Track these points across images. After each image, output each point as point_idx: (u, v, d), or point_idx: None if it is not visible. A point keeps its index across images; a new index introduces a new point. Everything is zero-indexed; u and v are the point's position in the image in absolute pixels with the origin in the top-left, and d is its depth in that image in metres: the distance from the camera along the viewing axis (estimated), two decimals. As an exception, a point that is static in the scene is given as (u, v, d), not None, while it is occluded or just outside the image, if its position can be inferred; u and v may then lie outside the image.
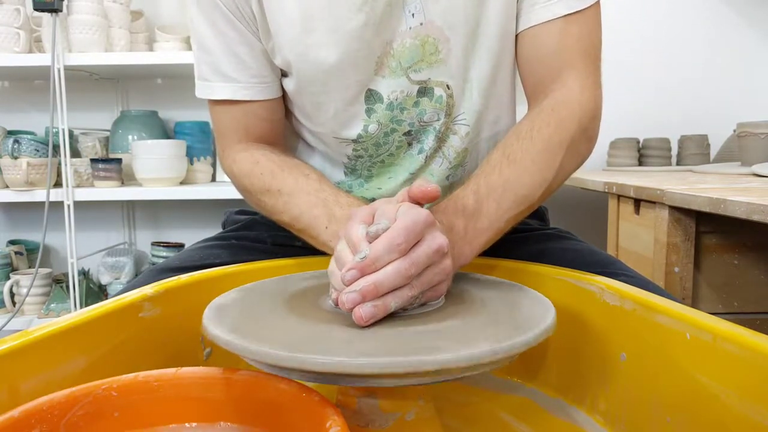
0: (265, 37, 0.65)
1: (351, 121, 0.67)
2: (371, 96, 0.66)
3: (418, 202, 0.48)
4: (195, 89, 0.71)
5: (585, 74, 0.63)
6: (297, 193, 0.64)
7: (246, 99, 0.68)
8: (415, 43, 0.63)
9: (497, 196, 0.56)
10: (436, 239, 0.43)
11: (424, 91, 0.66)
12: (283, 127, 0.75)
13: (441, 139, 0.69)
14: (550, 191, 0.60)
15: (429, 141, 0.69)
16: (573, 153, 0.61)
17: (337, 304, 0.45)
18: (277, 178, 0.66)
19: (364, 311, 0.40)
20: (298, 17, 0.61)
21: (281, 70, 0.69)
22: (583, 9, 0.62)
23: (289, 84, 0.68)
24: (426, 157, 0.69)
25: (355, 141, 0.69)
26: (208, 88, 0.69)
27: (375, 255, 0.41)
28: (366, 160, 0.71)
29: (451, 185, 0.73)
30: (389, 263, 0.41)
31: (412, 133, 0.69)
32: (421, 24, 0.63)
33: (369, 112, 0.66)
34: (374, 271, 0.41)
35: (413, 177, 0.71)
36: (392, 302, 0.41)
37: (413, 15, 0.62)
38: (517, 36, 0.66)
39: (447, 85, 0.66)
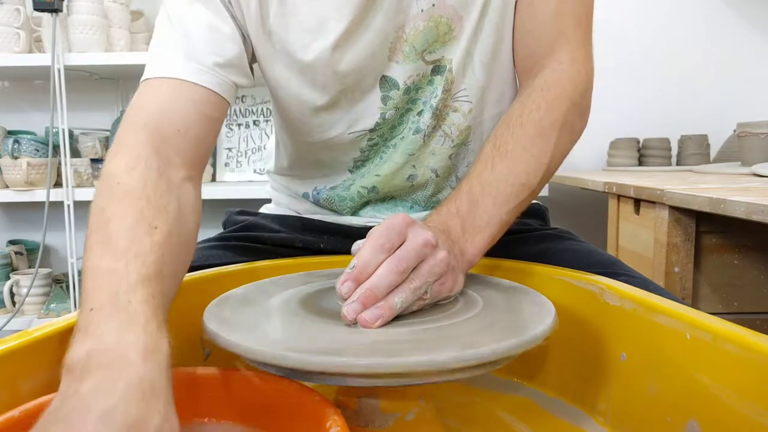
0: (265, 43, 0.63)
1: (367, 111, 0.66)
2: (386, 83, 0.65)
3: None
4: (145, 70, 0.57)
5: (576, 46, 0.63)
6: (115, 242, 0.41)
7: (204, 84, 0.56)
8: (429, 25, 0.62)
9: (492, 190, 0.55)
10: (420, 234, 0.44)
11: (437, 69, 0.66)
12: (208, 151, 0.59)
13: (439, 117, 0.68)
14: (548, 174, 0.60)
15: (425, 119, 0.67)
16: (567, 132, 0.60)
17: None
18: (115, 217, 0.43)
19: (368, 315, 0.40)
20: (312, 22, 0.60)
21: (271, 83, 0.66)
22: None
23: (294, 89, 0.66)
24: (424, 136, 0.68)
25: (371, 130, 0.68)
26: (163, 65, 0.55)
27: (363, 261, 0.42)
28: (380, 146, 0.70)
29: (454, 165, 0.72)
30: (379, 265, 0.42)
31: (423, 112, 0.68)
32: (434, 5, 0.62)
33: (385, 99, 0.66)
34: (368, 277, 0.41)
35: (413, 158, 0.69)
36: (396, 300, 0.41)
37: None
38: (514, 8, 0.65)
39: (450, 60, 0.65)
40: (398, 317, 0.42)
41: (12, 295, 1.88)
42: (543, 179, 0.59)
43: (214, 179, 1.97)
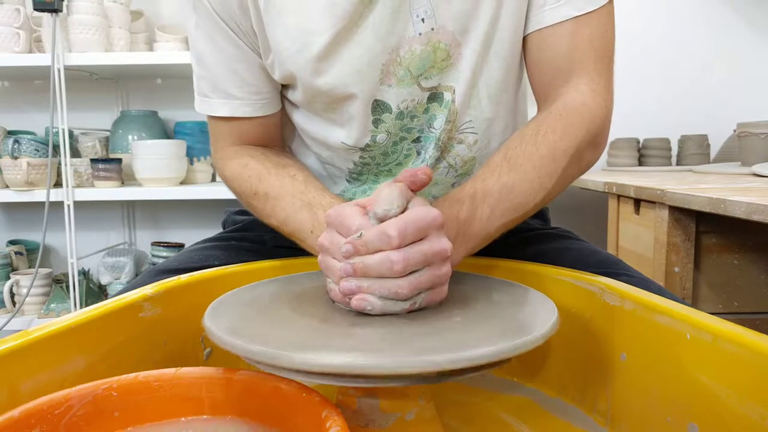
0: (264, 52, 0.65)
1: (358, 131, 0.66)
2: (378, 107, 0.64)
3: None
4: (194, 103, 0.71)
5: (596, 78, 0.62)
6: (282, 197, 0.63)
7: (245, 116, 0.69)
8: (426, 49, 0.61)
9: (492, 201, 0.55)
10: (439, 242, 0.43)
11: (434, 96, 0.65)
12: (278, 131, 0.75)
13: (443, 148, 0.67)
14: (548, 199, 0.59)
15: (429, 149, 0.67)
16: (577, 161, 0.60)
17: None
18: (263, 181, 0.65)
19: (344, 285, 0.42)
20: (297, 31, 0.61)
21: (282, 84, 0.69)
22: (595, 10, 0.60)
23: (294, 96, 0.68)
24: (427, 166, 0.67)
25: (362, 149, 0.68)
26: (207, 104, 0.69)
27: (367, 238, 0.42)
28: (372, 168, 0.70)
29: None
30: (379, 251, 0.41)
31: (421, 140, 0.67)
32: (432, 29, 0.61)
33: (377, 122, 0.65)
34: (367, 253, 0.42)
35: None
36: (375, 289, 0.42)
37: (423, 20, 0.60)
38: (525, 38, 0.64)
39: (453, 90, 0.64)
40: (398, 315, 0.42)
41: (12, 295, 1.88)
42: (541, 203, 0.58)
43: (214, 179, 1.97)
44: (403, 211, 0.43)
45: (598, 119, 0.60)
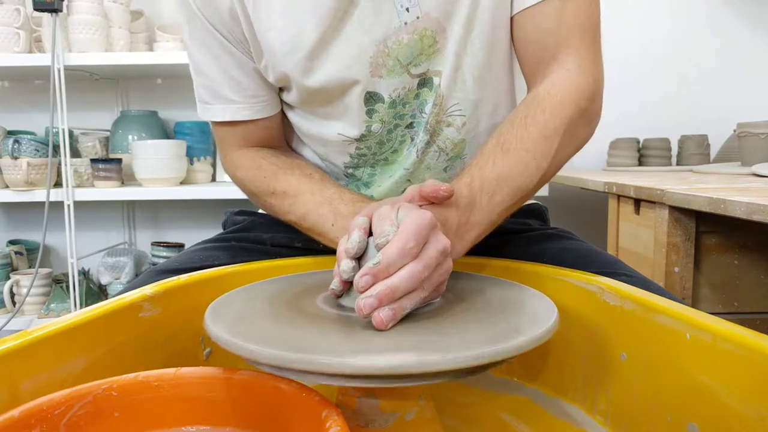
0: (257, 57, 0.66)
1: (353, 123, 0.67)
2: (371, 98, 0.65)
3: (431, 202, 0.48)
4: (197, 111, 0.73)
5: (583, 53, 0.62)
6: (302, 194, 0.65)
7: (246, 119, 0.70)
8: (414, 38, 0.62)
9: (490, 188, 0.55)
10: (441, 241, 0.43)
11: (423, 82, 0.66)
12: (281, 132, 0.76)
13: (433, 132, 0.68)
14: (545, 179, 0.60)
15: (419, 134, 0.68)
16: (570, 137, 0.60)
17: (336, 295, 0.45)
18: (280, 180, 0.67)
19: (384, 315, 0.39)
20: (287, 33, 0.62)
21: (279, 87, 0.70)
22: None
23: (289, 97, 0.69)
24: (418, 150, 0.69)
25: (358, 140, 0.69)
26: (209, 111, 0.71)
27: (388, 260, 0.40)
28: (369, 158, 0.71)
29: (449, 178, 0.72)
30: (402, 267, 0.41)
31: (414, 125, 0.68)
32: (418, 18, 0.62)
33: (371, 113, 0.66)
34: (388, 276, 0.40)
35: (408, 173, 0.70)
36: (407, 304, 0.41)
37: (408, 9, 0.61)
38: (512, 19, 0.65)
39: (441, 74, 0.65)
40: None
41: (12, 295, 1.88)
42: (539, 183, 0.59)
43: (214, 179, 1.97)
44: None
45: (586, 94, 0.61)
